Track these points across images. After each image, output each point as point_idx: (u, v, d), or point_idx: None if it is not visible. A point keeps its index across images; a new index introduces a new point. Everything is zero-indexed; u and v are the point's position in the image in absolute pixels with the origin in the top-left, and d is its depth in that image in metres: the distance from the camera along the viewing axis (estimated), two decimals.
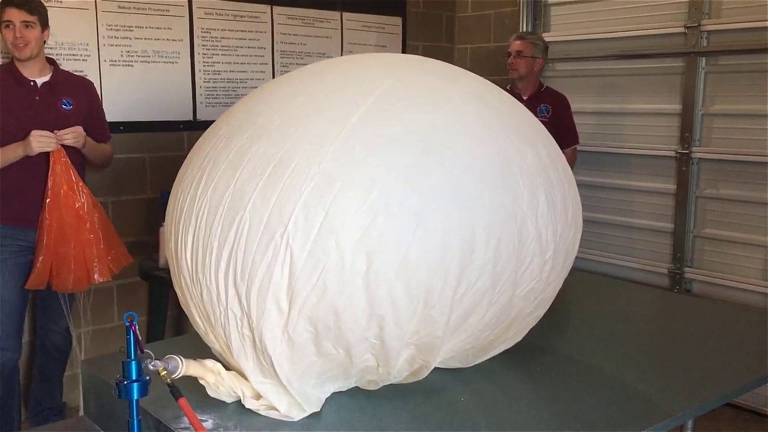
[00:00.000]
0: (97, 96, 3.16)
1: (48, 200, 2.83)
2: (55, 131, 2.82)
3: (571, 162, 3.89)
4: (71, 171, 2.87)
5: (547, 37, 4.22)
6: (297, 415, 1.49)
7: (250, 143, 1.47)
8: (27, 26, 2.80)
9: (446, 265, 1.39)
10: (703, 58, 3.69)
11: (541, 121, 3.78)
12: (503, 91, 1.79)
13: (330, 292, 1.36)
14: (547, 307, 1.76)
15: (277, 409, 1.49)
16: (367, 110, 1.47)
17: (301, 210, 1.35)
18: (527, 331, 1.77)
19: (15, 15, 2.78)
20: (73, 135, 2.86)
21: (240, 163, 1.46)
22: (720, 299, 3.64)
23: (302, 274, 1.35)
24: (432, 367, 1.58)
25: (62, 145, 2.83)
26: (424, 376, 1.60)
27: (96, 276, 2.93)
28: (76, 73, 3.21)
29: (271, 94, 1.62)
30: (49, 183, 2.83)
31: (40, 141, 2.77)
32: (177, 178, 1.65)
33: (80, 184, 2.90)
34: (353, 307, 1.37)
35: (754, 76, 3.51)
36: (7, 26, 2.79)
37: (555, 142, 1.79)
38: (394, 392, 1.62)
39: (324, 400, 1.54)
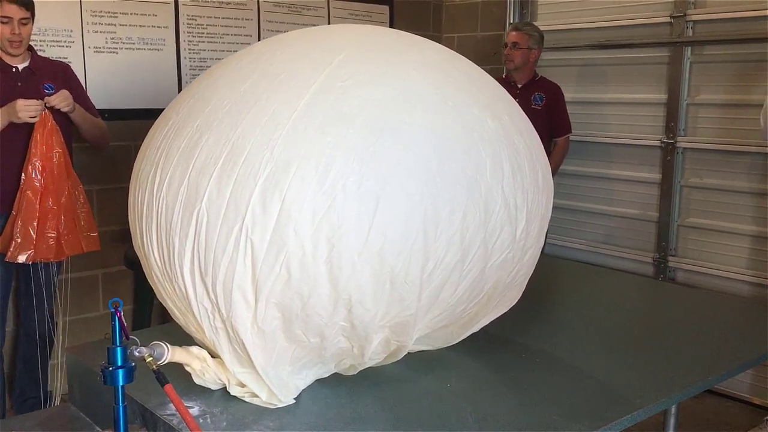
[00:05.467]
0: (75, 78, 3.12)
1: (27, 164, 2.77)
2: (45, 98, 2.79)
3: (564, 150, 3.92)
4: (54, 137, 2.80)
5: None
6: (279, 402, 1.49)
7: (201, 132, 1.43)
8: (24, 23, 2.77)
9: (410, 243, 1.36)
10: (689, 48, 3.70)
11: (535, 110, 3.79)
12: (462, 57, 1.74)
13: (294, 280, 1.34)
14: (529, 275, 1.74)
15: (259, 397, 1.49)
16: (318, 89, 1.42)
17: (257, 199, 1.32)
18: (515, 302, 1.76)
19: (15, 12, 2.74)
20: (61, 99, 2.81)
21: (192, 154, 1.42)
22: (703, 287, 3.68)
23: (265, 264, 1.33)
24: (409, 347, 1.57)
25: (51, 113, 2.79)
26: (402, 356, 1.60)
27: (65, 248, 2.88)
28: (52, 58, 3.17)
29: (219, 78, 1.56)
30: (31, 147, 2.76)
31: (28, 110, 2.72)
32: (133, 173, 1.60)
33: (60, 151, 2.83)
34: (318, 292, 1.35)
35: (738, 66, 3.53)
36: (5, 22, 2.74)
37: (519, 107, 1.74)
38: (377, 379, 1.63)
39: (301, 388, 1.54)
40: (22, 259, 2.79)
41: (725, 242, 3.65)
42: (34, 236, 2.79)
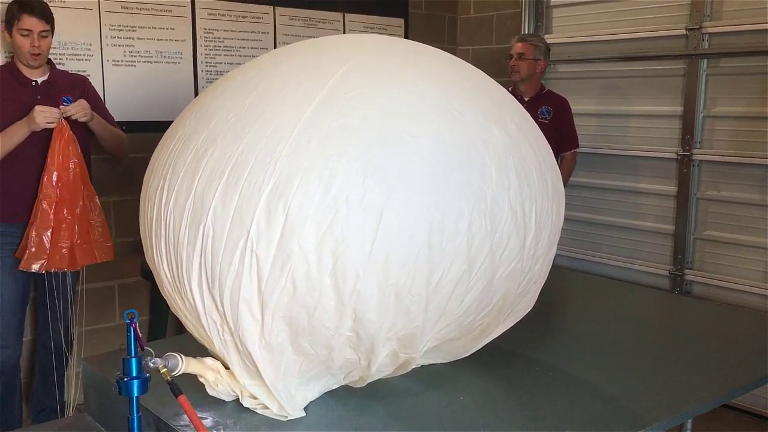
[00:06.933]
0: (93, 90, 3.16)
1: (44, 174, 2.80)
2: (60, 106, 2.83)
3: (572, 165, 3.90)
4: (71, 147, 2.83)
5: (549, 38, 4.23)
6: (288, 415, 1.49)
7: (206, 146, 1.44)
8: (44, 36, 2.82)
9: (415, 255, 1.36)
10: (705, 60, 3.69)
11: (542, 124, 3.78)
12: (469, 65, 1.73)
13: (299, 293, 1.34)
14: (541, 285, 1.72)
15: (270, 409, 1.49)
16: (321, 101, 1.41)
17: (261, 213, 1.33)
18: (528, 311, 1.75)
19: (35, 25, 2.79)
20: (78, 108, 2.85)
21: (198, 168, 1.42)
22: (720, 301, 3.64)
23: (270, 278, 1.34)
24: (417, 359, 1.56)
25: (69, 122, 2.82)
26: (411, 369, 1.60)
27: (78, 257, 2.89)
28: (71, 71, 3.22)
29: (224, 91, 1.56)
30: (48, 157, 2.79)
31: (45, 115, 2.76)
32: (143, 186, 1.62)
33: (76, 161, 2.86)
34: (324, 304, 1.36)
35: (755, 79, 3.51)
36: (25, 35, 2.80)
37: (528, 115, 1.73)
38: (388, 392, 1.63)
39: (310, 400, 1.54)
40: (35, 268, 2.82)
41: (742, 255, 3.62)
42: (48, 246, 2.82)
